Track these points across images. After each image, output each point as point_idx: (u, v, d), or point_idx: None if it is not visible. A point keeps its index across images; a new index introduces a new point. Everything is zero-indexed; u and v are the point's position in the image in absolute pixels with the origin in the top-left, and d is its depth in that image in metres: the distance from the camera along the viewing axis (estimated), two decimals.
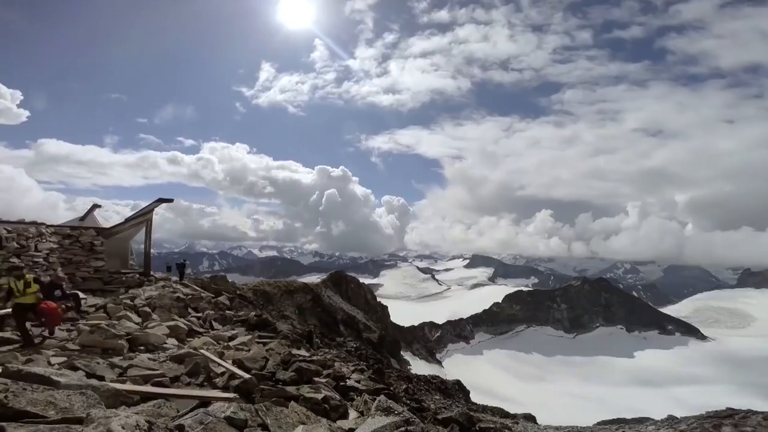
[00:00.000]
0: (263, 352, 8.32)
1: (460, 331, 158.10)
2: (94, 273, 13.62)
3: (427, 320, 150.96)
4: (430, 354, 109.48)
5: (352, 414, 5.47)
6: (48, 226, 12.30)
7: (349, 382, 7.44)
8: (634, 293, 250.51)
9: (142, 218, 15.96)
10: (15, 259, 9.42)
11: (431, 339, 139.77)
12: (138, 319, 9.98)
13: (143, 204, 17.38)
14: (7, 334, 7.35)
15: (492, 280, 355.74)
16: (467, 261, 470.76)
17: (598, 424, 22.36)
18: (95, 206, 17.65)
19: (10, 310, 8.01)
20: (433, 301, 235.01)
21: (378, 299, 66.71)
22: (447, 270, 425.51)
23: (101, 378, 5.26)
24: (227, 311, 13.55)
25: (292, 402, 4.88)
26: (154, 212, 16.25)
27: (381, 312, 62.49)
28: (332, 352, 11.99)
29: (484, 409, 17.95)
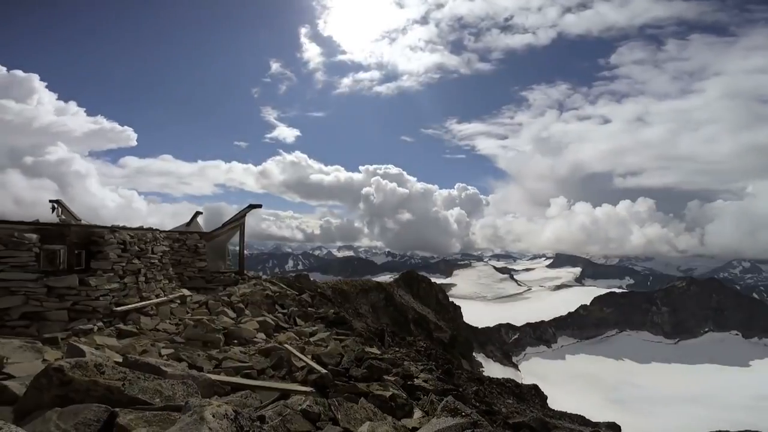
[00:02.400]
0: (339, 348, 8.78)
1: (540, 334, 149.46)
2: (198, 273, 15.38)
3: (504, 322, 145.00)
4: (506, 357, 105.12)
5: (417, 413, 5.58)
6: (161, 232, 13.56)
7: (417, 382, 7.56)
8: (755, 295, 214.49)
9: (236, 223, 17.74)
10: (136, 261, 10.51)
11: (508, 341, 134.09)
12: (233, 315, 11.02)
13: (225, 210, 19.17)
14: (129, 327, 8.71)
15: (579, 281, 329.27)
16: (550, 260, 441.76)
17: None
18: (198, 213, 19.70)
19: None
20: (512, 303, 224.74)
21: (450, 299, 65.83)
22: (527, 270, 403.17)
23: (200, 369, 6.00)
24: (309, 308, 14.44)
25: (362, 398, 5.17)
26: (246, 217, 18.02)
27: (453, 312, 61.52)
28: (402, 351, 12.24)
29: (562, 415, 16.83)
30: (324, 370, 6.73)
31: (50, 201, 15.59)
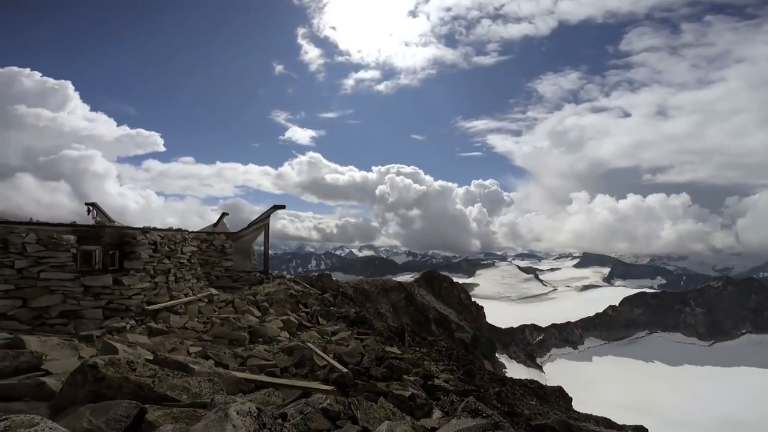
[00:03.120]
0: (360, 347, 8.86)
1: (566, 335, 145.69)
2: (225, 272, 15.86)
3: (529, 322, 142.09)
4: (530, 358, 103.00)
5: (437, 413, 5.59)
6: (189, 232, 13.88)
7: (437, 382, 7.57)
8: None
9: (261, 223, 18.18)
10: (166, 261, 10.88)
11: (532, 342, 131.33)
12: (258, 314, 11.29)
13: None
14: (159, 325, 9.05)
15: (608, 281, 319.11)
16: (577, 260, 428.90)
17: None
18: (224, 214, 20.26)
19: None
20: (537, 303, 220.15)
21: (473, 299, 65.00)
22: (553, 270, 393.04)
23: (226, 366, 6.18)
24: (331, 307, 14.65)
25: (381, 398, 5.21)
26: (270, 217, 18.44)
27: (476, 312, 60.70)
28: (423, 351, 12.24)
29: (587, 418, 16.38)
30: (345, 369, 6.81)
31: (86, 204, 16.37)
